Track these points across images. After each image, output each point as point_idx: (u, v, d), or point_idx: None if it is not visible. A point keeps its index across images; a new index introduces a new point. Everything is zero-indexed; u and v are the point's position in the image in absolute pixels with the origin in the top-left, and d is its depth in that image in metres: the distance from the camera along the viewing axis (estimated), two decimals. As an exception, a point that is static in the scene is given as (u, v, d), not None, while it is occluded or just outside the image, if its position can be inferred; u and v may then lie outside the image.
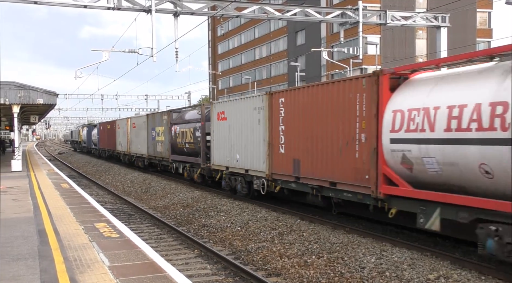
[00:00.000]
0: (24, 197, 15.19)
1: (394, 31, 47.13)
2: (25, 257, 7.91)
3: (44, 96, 21.86)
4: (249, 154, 16.52)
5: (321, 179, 12.62)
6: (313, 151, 12.99)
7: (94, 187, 26.08)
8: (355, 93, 11.39)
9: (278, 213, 14.58)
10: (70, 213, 12.20)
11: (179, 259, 11.13)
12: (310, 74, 59.73)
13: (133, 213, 17.61)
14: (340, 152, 11.88)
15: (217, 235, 13.17)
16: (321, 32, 60.33)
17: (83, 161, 44.81)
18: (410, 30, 50.47)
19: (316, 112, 12.94)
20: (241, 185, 17.26)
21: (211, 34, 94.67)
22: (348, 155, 11.58)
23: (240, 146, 17.12)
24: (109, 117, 78.79)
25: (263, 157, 15.56)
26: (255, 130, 16.10)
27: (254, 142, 16.17)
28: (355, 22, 21.32)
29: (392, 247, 10.26)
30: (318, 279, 9.02)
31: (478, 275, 8.51)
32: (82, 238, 9.33)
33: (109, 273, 7.04)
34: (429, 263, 9.09)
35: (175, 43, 18.81)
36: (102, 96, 56.55)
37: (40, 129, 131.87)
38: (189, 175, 21.95)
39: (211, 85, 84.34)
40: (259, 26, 76.52)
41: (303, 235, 11.81)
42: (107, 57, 20.78)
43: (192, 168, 21.71)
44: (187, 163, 22.43)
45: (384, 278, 8.68)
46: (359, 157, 11.22)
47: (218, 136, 19.03)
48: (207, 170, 19.91)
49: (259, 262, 10.48)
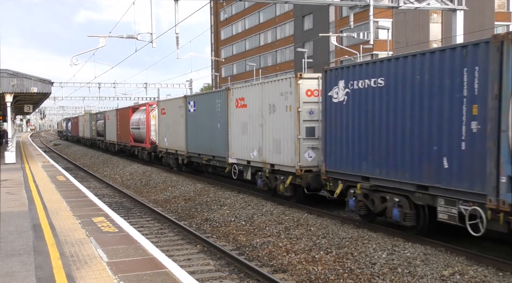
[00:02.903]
0: (18, 190, 14.87)
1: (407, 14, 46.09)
2: (19, 253, 7.69)
3: (38, 85, 21.36)
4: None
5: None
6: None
7: (92, 179, 25.74)
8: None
9: (284, 206, 14.29)
10: (67, 206, 11.90)
11: (181, 254, 10.88)
12: (318, 60, 58.83)
13: (133, 206, 17.28)
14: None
15: (221, 230, 12.90)
16: (330, 16, 59.07)
17: (80, 153, 44.53)
18: (424, 13, 49.38)
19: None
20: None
21: (214, 19, 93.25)
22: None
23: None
24: (107, 106, 78.16)
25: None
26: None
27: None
28: (366, 5, 20.41)
29: (405, 242, 9.97)
30: (327, 276, 8.75)
31: (495, 271, 8.29)
32: (79, 233, 9.07)
33: (107, 269, 6.83)
34: (443, 259, 8.86)
35: (175, 28, 18.32)
36: (99, 84, 55.64)
37: (34, 119, 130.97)
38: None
39: (214, 72, 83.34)
40: (264, 10, 75.03)
41: (311, 230, 11.52)
42: (104, 43, 20.34)
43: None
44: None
45: (396, 275, 8.42)
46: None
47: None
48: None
49: (264, 258, 10.22)
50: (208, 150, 19.78)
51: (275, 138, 14.78)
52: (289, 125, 13.92)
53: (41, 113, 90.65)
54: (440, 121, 9.29)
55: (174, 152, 23.96)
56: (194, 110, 21.26)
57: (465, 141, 8.78)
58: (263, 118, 15.41)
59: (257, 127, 15.78)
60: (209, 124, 19.60)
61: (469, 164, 8.72)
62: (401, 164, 10.20)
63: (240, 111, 16.88)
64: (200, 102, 20.80)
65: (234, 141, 17.38)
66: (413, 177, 9.89)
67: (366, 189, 11.20)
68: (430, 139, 9.54)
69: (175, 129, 23.62)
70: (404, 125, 10.13)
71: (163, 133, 25.60)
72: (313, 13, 62.12)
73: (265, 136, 15.32)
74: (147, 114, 28.70)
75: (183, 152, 22.53)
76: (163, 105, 26.27)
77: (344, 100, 11.98)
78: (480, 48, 8.44)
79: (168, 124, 24.89)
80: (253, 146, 16.08)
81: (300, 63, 56.29)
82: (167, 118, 25.20)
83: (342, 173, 12.04)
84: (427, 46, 48.94)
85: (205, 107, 20.09)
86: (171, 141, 24.37)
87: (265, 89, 15.32)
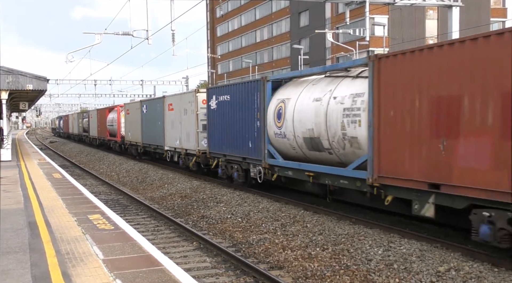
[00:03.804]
0: (14, 188, 14.81)
1: (403, 11, 46.04)
2: (15, 251, 7.65)
3: (34, 82, 21.26)
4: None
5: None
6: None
7: (88, 177, 25.65)
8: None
9: (280, 203, 14.26)
10: (63, 204, 11.85)
11: (177, 251, 10.85)
12: (314, 57, 58.71)
13: (129, 204, 17.23)
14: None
15: (217, 227, 12.87)
16: (326, 13, 58.90)
17: (76, 150, 44.37)
18: (420, 10, 49.32)
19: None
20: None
21: (210, 16, 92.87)
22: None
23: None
24: (103, 103, 77.87)
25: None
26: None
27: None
28: (362, 2, 20.41)
29: (401, 238, 9.96)
30: (323, 272, 8.74)
31: (491, 267, 8.29)
32: (75, 230, 9.03)
33: (103, 266, 6.81)
34: (439, 255, 8.86)
35: (171, 25, 18.30)
36: (95, 81, 55.36)
37: (30, 116, 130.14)
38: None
39: (210, 69, 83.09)
40: (260, 7, 74.64)
41: (307, 226, 11.50)
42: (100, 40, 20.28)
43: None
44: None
45: (392, 271, 8.42)
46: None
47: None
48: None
49: (261, 255, 10.20)
50: (154, 141, 26.04)
51: (187, 131, 21.07)
52: (193, 123, 20.25)
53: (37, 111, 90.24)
54: (247, 121, 16.02)
55: (135, 144, 30.14)
56: (146, 111, 27.50)
57: (256, 132, 15.51)
58: (181, 118, 21.71)
59: (178, 124, 22.05)
60: (154, 122, 25.63)
61: (258, 145, 15.35)
62: (236, 147, 16.76)
63: (170, 113, 23.20)
64: (150, 105, 27.10)
65: (167, 134, 23.65)
66: (241, 153, 16.52)
67: (225, 161, 17.76)
68: (244, 132, 16.19)
69: (135, 126, 29.73)
70: (237, 124, 16.70)
71: (128, 129, 31.82)
72: (309, 10, 61.91)
73: (182, 130, 21.58)
74: (118, 114, 34.51)
75: (140, 143, 28.85)
76: (127, 107, 32.49)
77: (215, 108, 18.17)
78: (258, 83, 15.26)
79: (131, 122, 31.03)
80: (176, 137, 22.32)
81: (296, 60, 56.06)
82: (130, 117, 31.19)
83: (216, 153, 18.41)
84: (423, 42, 48.86)
85: (152, 109, 26.25)
86: (132, 135, 30.58)
87: (182, 98, 21.93)
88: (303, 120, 12.84)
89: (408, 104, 9.66)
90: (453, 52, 8.78)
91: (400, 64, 9.89)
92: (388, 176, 10.18)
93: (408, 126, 9.66)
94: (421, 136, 9.40)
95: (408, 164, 9.67)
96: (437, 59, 9.07)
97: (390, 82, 10.09)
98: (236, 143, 16.66)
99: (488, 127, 8.17)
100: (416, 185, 9.52)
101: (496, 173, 8.06)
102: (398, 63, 9.96)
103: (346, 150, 11.57)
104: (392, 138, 10.05)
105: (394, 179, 10.03)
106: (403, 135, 9.77)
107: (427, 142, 9.25)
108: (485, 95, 8.20)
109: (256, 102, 15.37)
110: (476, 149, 8.37)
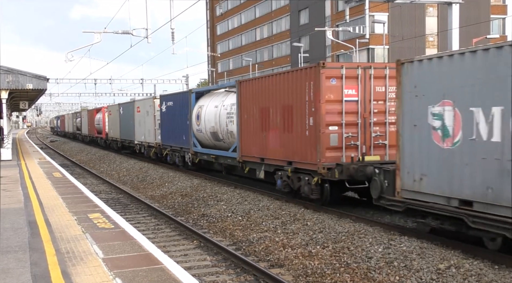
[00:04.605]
0: (14, 187, 14.81)
1: (403, 8, 45.75)
2: (15, 250, 7.64)
3: (33, 81, 21.24)
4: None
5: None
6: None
7: (88, 176, 25.66)
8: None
9: (281, 201, 14.26)
10: (63, 203, 11.84)
11: (178, 250, 10.85)
12: (314, 55, 58.54)
13: (129, 203, 17.23)
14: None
15: (217, 225, 12.87)
16: (326, 11, 58.70)
17: (76, 149, 44.39)
18: (419, 7, 49.17)
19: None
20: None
21: (210, 14, 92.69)
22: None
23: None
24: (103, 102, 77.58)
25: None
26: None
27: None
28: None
29: (401, 236, 9.96)
30: (323, 270, 8.73)
31: (491, 264, 8.29)
32: (75, 229, 9.03)
33: (103, 265, 6.81)
34: (439, 253, 8.85)
35: (170, 23, 18.30)
36: (95, 80, 55.24)
37: (31, 115, 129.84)
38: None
39: (210, 68, 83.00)
40: (260, 5, 74.40)
41: (307, 225, 11.49)
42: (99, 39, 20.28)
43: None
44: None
45: (392, 268, 8.42)
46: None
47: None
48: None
49: (261, 253, 10.20)
50: (128, 137, 31.81)
51: (148, 129, 27.18)
52: (152, 122, 26.42)
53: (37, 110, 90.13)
54: (182, 121, 21.73)
55: (116, 139, 35.94)
56: (122, 112, 33.30)
57: (187, 129, 21.08)
58: (145, 118, 27.85)
59: (143, 123, 28.19)
60: (128, 121, 31.51)
61: (188, 138, 21.03)
62: (176, 140, 22.66)
63: (138, 114, 29.24)
64: (125, 108, 33.02)
65: (136, 131, 29.61)
66: (179, 144, 22.44)
67: (171, 151, 23.87)
68: (180, 129, 21.97)
69: (115, 124, 35.65)
70: (176, 123, 22.45)
71: (110, 127, 37.84)
72: (309, 8, 61.77)
73: (146, 128, 27.69)
74: (103, 115, 40.60)
75: (119, 139, 34.72)
76: (110, 108, 38.69)
77: (165, 111, 24.11)
78: (187, 94, 20.92)
79: (112, 121, 37.09)
80: (142, 133, 28.40)
81: (296, 58, 55.90)
82: (112, 117, 37.25)
83: (165, 145, 24.44)
84: (423, 39, 48.80)
85: (127, 111, 32.20)
86: (114, 132, 36.55)
87: (145, 103, 28.46)
88: (209, 120, 19.05)
89: (251, 111, 15.76)
90: (267, 81, 14.97)
91: (249, 86, 15.99)
92: (245, 155, 16.40)
93: (252, 125, 15.78)
94: (256, 131, 15.50)
95: (253, 148, 15.81)
96: (261, 85, 15.29)
97: (244, 97, 16.25)
98: (176, 137, 22.61)
99: (278, 125, 14.29)
100: (256, 159, 15.77)
101: (281, 150, 14.15)
102: (248, 85, 16.07)
103: (230, 140, 17.88)
104: (246, 132, 16.18)
105: (248, 157, 16.26)
106: (250, 130, 15.90)
107: (259, 134, 15.34)
108: (276, 108, 14.37)
109: (187, 107, 21.25)
110: (274, 137, 14.49)
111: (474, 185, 8.40)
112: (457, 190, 8.71)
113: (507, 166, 7.81)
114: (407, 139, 9.73)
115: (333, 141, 12.29)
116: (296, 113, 13.24)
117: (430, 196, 9.25)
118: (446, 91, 8.86)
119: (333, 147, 12.29)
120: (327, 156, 12.20)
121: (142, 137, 28.20)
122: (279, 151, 14.12)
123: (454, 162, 8.73)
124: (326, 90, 12.18)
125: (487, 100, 8.16)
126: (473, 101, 8.39)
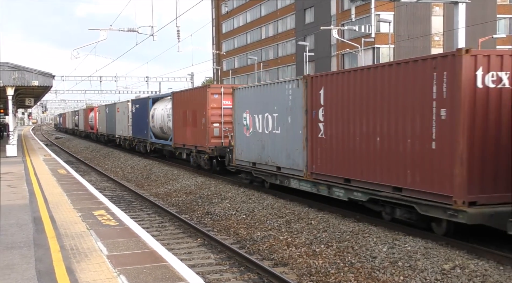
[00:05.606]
0: (19, 183, 14.83)
1: (409, 7, 45.52)
2: (19, 246, 7.65)
3: (39, 78, 21.26)
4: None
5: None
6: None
7: (93, 173, 25.72)
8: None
9: (285, 200, 14.23)
10: (67, 200, 11.86)
11: (182, 248, 10.86)
12: (320, 54, 58.40)
13: (134, 200, 17.26)
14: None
15: (221, 223, 12.86)
16: (331, 9, 58.42)
17: (81, 146, 44.51)
18: (425, 6, 48.85)
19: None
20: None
21: (215, 12, 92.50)
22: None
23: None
24: (108, 100, 77.73)
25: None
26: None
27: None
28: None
29: (405, 236, 9.90)
30: (327, 269, 8.71)
31: (496, 265, 8.24)
32: (79, 226, 9.03)
33: (107, 262, 6.80)
34: (444, 253, 8.79)
35: (176, 21, 18.30)
36: (100, 78, 55.30)
37: (36, 112, 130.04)
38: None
39: (215, 66, 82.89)
40: (265, 4, 74.08)
41: (312, 224, 11.47)
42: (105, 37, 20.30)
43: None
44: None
45: (396, 268, 8.39)
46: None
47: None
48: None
49: (265, 252, 10.18)
50: (112, 132, 38.73)
51: (124, 125, 34.05)
52: (127, 120, 33.04)
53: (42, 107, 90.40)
54: (144, 119, 29.00)
55: (103, 134, 42.79)
56: (108, 112, 40.41)
57: (147, 125, 28.44)
58: (122, 117, 34.51)
59: (121, 121, 34.89)
60: (111, 119, 38.66)
61: (148, 132, 28.34)
62: (141, 133, 29.73)
63: (118, 113, 36.05)
64: (109, 108, 40.23)
65: (117, 127, 36.48)
66: (142, 136, 29.54)
67: (138, 142, 30.01)
68: (143, 125, 28.89)
69: (103, 122, 42.92)
70: (141, 121, 29.46)
71: (100, 124, 44.79)
72: (314, 6, 61.57)
73: (123, 124, 34.43)
74: (95, 113, 47.67)
75: (105, 133, 41.72)
76: (99, 108, 45.91)
77: (134, 111, 30.80)
78: (146, 99, 30.43)
79: (101, 119, 44.06)
80: (121, 129, 35.28)
81: (301, 57, 55.79)
82: (100, 116, 44.36)
83: (135, 137, 31.07)
84: (429, 39, 48.52)
85: (110, 110, 39.40)
86: (102, 128, 43.52)
87: (122, 105, 35.20)
88: (158, 119, 26.52)
89: (179, 113, 23.02)
90: (188, 94, 22.88)
91: (178, 96, 23.67)
92: (176, 143, 23.53)
93: (179, 122, 23.06)
94: (181, 126, 22.84)
95: (179, 138, 23.12)
96: (185, 96, 22.76)
97: (175, 104, 23.68)
98: (141, 131, 29.61)
99: (190, 123, 21.68)
100: (180, 145, 23.00)
101: (192, 138, 21.46)
102: (178, 96, 23.81)
103: (170, 133, 24.57)
104: (177, 127, 23.41)
105: (177, 144, 23.39)
106: (179, 126, 23.06)
107: (182, 129, 22.65)
108: (190, 111, 21.50)
109: (147, 110, 28.44)
110: (189, 131, 21.79)
111: (256, 154, 15.97)
112: (251, 157, 16.28)
113: (263, 143, 15.51)
114: (236, 131, 17.35)
115: (215, 132, 19.68)
116: (198, 115, 20.47)
117: (244, 162, 16.81)
118: (247, 106, 16.42)
119: (215, 137, 19.63)
120: (212, 142, 19.58)
121: (120, 131, 35.65)
122: (191, 139, 21.55)
123: (250, 143, 16.31)
124: (211, 101, 19.59)
125: (260, 111, 15.69)
126: (256, 111, 15.89)
